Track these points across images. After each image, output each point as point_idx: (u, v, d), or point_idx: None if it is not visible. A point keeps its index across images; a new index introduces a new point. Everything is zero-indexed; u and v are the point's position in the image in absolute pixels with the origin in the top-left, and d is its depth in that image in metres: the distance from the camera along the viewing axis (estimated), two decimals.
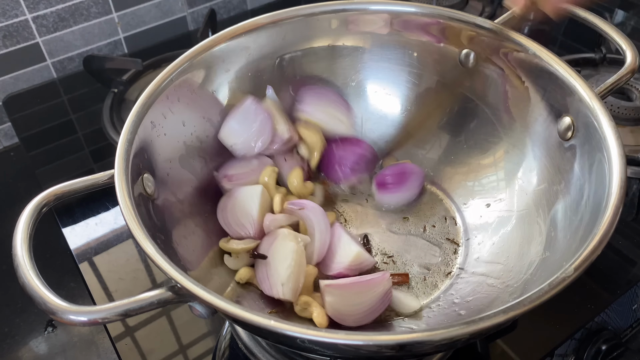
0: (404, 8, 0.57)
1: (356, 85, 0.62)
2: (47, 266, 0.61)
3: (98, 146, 0.75)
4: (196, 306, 0.37)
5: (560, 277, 0.35)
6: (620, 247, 0.59)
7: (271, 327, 0.33)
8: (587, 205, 0.43)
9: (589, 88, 0.47)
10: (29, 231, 0.38)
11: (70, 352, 0.55)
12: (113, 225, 0.65)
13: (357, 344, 0.32)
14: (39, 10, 0.80)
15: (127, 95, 0.81)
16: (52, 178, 0.71)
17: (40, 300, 0.34)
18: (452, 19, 0.56)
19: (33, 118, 0.80)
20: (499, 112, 0.56)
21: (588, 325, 0.54)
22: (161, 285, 0.37)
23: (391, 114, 0.62)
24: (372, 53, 0.61)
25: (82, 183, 0.43)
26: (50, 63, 0.86)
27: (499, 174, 0.55)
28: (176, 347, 0.53)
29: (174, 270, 0.36)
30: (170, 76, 0.50)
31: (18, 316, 0.59)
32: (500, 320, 0.33)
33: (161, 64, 0.84)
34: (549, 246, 0.45)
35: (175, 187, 0.50)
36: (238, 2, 0.99)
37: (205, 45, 0.53)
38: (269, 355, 0.50)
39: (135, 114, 0.46)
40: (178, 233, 0.47)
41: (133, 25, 0.90)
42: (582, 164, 0.46)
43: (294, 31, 0.58)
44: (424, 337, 0.32)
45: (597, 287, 0.56)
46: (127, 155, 0.43)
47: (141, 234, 0.38)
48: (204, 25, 0.85)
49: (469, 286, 0.49)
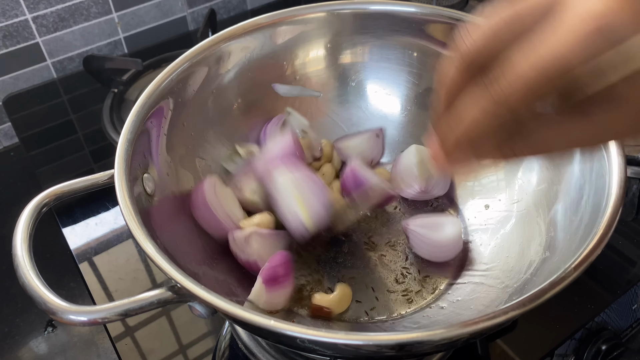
0: (404, 8, 0.57)
1: (356, 85, 0.62)
2: (47, 266, 0.61)
3: (98, 146, 0.75)
4: (196, 306, 0.37)
5: (560, 277, 0.35)
6: (620, 247, 0.59)
7: (271, 327, 0.33)
8: (587, 205, 0.43)
9: None
10: (29, 231, 0.38)
11: (70, 352, 0.55)
12: (113, 225, 0.65)
13: (357, 344, 0.32)
14: (39, 10, 0.80)
15: (127, 95, 0.81)
16: (52, 178, 0.71)
17: (40, 300, 0.34)
18: (452, 19, 0.56)
19: (33, 118, 0.80)
20: None
21: (588, 325, 0.54)
22: (161, 285, 0.37)
23: (391, 114, 0.62)
24: (372, 53, 0.61)
25: (82, 183, 0.43)
26: (50, 63, 0.86)
27: (499, 174, 0.55)
28: (176, 347, 0.53)
29: (174, 270, 0.36)
30: (170, 76, 0.50)
31: (18, 316, 0.59)
32: (500, 320, 0.33)
33: (161, 64, 0.84)
34: (548, 246, 0.45)
35: (175, 187, 0.50)
36: (238, 2, 0.99)
37: (205, 45, 0.53)
38: (269, 355, 0.50)
39: (135, 114, 0.46)
40: (178, 233, 0.47)
41: (133, 25, 0.90)
42: (582, 164, 0.46)
43: (293, 31, 0.58)
44: (424, 337, 0.32)
45: (597, 287, 0.56)
46: (127, 155, 0.43)
47: (141, 234, 0.38)
48: (204, 25, 0.85)
49: (468, 286, 0.49)
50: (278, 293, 0.46)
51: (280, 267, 0.45)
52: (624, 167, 0.41)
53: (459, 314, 0.46)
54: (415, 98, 0.61)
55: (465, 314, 0.45)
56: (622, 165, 0.41)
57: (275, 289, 0.45)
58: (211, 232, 0.50)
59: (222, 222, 0.50)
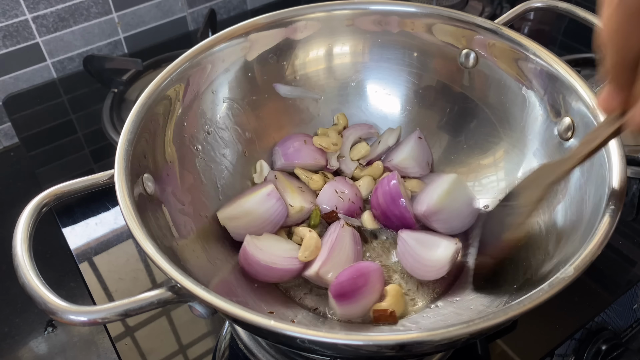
0: (404, 8, 0.57)
1: (356, 85, 0.62)
2: (47, 266, 0.61)
3: (98, 146, 0.75)
4: (196, 306, 0.37)
5: (560, 277, 0.35)
6: (620, 247, 0.59)
7: (271, 327, 0.33)
8: (587, 205, 0.43)
9: (589, 88, 0.47)
10: (29, 231, 0.38)
11: (70, 352, 0.55)
12: (113, 225, 0.65)
13: (357, 344, 0.32)
14: (39, 10, 0.80)
15: (127, 95, 0.81)
16: (52, 178, 0.71)
17: (40, 300, 0.34)
18: (452, 19, 0.56)
19: (33, 118, 0.80)
20: (499, 112, 0.56)
21: (588, 325, 0.54)
22: (161, 285, 0.37)
23: (391, 114, 0.62)
24: (372, 53, 0.61)
25: (82, 183, 0.43)
26: (50, 63, 0.86)
27: (499, 174, 0.55)
28: (176, 347, 0.53)
29: (174, 270, 0.36)
30: (170, 76, 0.50)
31: (18, 316, 0.59)
32: (500, 320, 0.33)
33: (161, 64, 0.84)
34: (548, 246, 0.45)
35: (175, 187, 0.50)
36: (238, 2, 0.99)
37: (205, 45, 0.53)
38: (269, 355, 0.50)
39: (135, 114, 0.46)
40: (178, 233, 0.47)
41: (133, 25, 0.90)
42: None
43: (293, 31, 0.58)
44: (424, 337, 0.32)
45: (597, 287, 0.56)
46: (127, 155, 0.43)
47: (141, 234, 0.38)
48: (204, 25, 0.85)
49: (468, 286, 0.49)
50: (353, 305, 0.46)
51: (348, 282, 0.46)
52: (624, 167, 0.41)
53: (459, 314, 0.46)
54: (415, 98, 0.61)
55: (465, 314, 0.45)
56: (622, 165, 0.41)
57: (346, 303, 0.46)
58: (279, 280, 0.50)
59: (284, 268, 0.49)
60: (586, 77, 0.65)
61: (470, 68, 0.57)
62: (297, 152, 0.58)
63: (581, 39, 0.86)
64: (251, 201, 0.52)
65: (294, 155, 0.58)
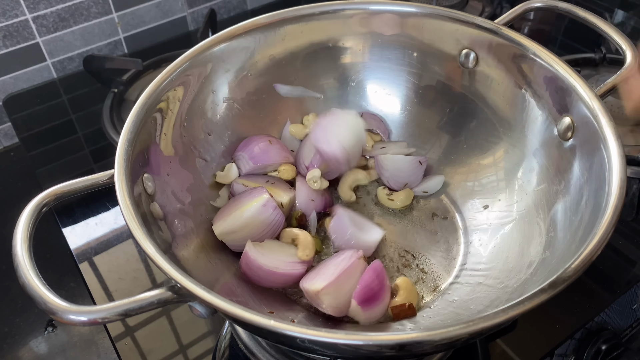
0: (404, 8, 0.57)
1: (356, 85, 0.62)
2: (47, 266, 0.61)
3: (98, 146, 0.75)
4: (196, 306, 0.37)
5: (560, 277, 0.35)
6: (620, 247, 0.59)
7: (271, 327, 0.33)
8: (587, 205, 0.43)
9: (589, 88, 0.47)
10: (29, 231, 0.38)
11: (70, 352, 0.55)
12: (113, 225, 0.65)
13: (357, 344, 0.32)
14: (39, 10, 0.80)
15: (127, 95, 0.81)
16: (52, 178, 0.71)
17: (40, 300, 0.34)
18: (452, 19, 0.56)
19: (33, 118, 0.80)
20: (499, 112, 0.56)
21: (588, 325, 0.54)
22: (161, 285, 0.37)
23: (391, 114, 0.62)
24: (372, 53, 0.61)
25: (82, 183, 0.43)
26: (50, 63, 0.86)
27: (498, 174, 0.55)
28: (176, 347, 0.53)
29: (174, 270, 0.36)
30: (170, 76, 0.50)
31: (18, 316, 0.59)
32: (500, 320, 0.33)
33: (161, 64, 0.84)
34: (548, 246, 0.45)
35: (175, 187, 0.50)
36: (238, 2, 0.99)
37: (205, 45, 0.53)
38: (269, 355, 0.50)
39: (135, 114, 0.46)
40: (178, 233, 0.47)
41: (133, 25, 0.90)
42: (582, 164, 0.46)
43: (294, 31, 0.58)
44: (424, 337, 0.32)
45: (597, 287, 0.56)
46: (127, 155, 0.43)
47: (141, 234, 0.38)
48: (204, 25, 0.85)
49: (468, 286, 0.49)
50: (376, 308, 0.46)
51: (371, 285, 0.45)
52: (624, 167, 0.41)
53: (459, 314, 0.46)
54: (415, 98, 0.61)
55: (465, 314, 0.45)
56: (622, 165, 0.41)
57: (371, 307, 0.45)
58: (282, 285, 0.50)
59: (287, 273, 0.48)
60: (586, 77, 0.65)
61: (470, 68, 0.57)
62: (265, 153, 0.55)
63: (581, 39, 0.86)
64: (247, 213, 0.51)
65: (262, 157, 0.55)
